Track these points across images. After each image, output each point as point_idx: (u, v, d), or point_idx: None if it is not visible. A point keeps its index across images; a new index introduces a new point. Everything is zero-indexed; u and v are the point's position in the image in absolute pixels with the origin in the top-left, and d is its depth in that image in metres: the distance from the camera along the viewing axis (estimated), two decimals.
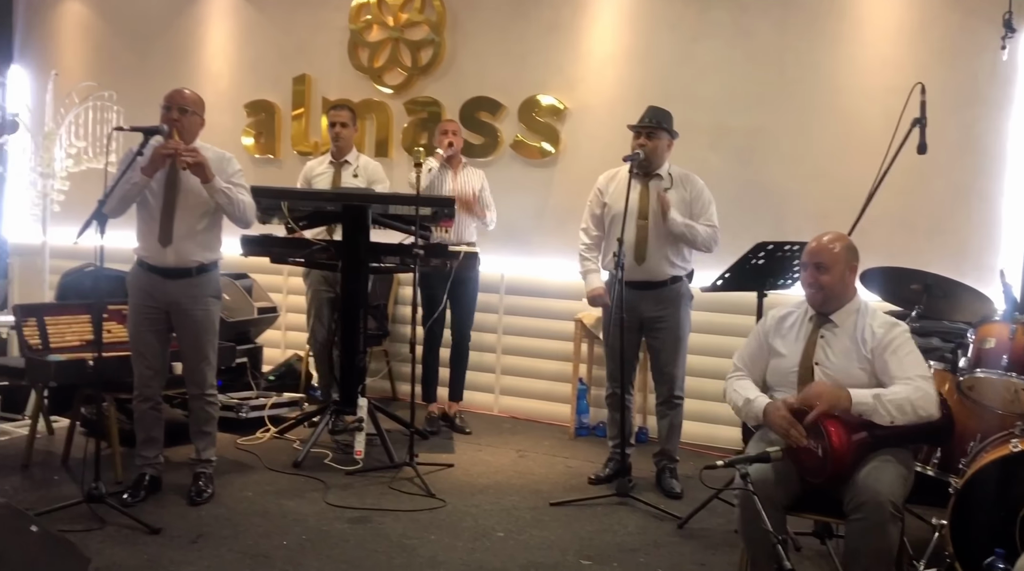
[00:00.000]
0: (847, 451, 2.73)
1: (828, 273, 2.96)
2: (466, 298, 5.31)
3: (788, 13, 5.09)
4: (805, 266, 3.02)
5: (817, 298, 2.99)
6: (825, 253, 2.98)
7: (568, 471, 4.64)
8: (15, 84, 7.27)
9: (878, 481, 2.67)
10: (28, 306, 4.45)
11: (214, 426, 4.04)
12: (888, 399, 2.76)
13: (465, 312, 5.35)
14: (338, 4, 6.26)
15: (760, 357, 3.12)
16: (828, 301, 2.99)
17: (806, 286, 3.01)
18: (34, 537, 2.78)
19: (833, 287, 2.97)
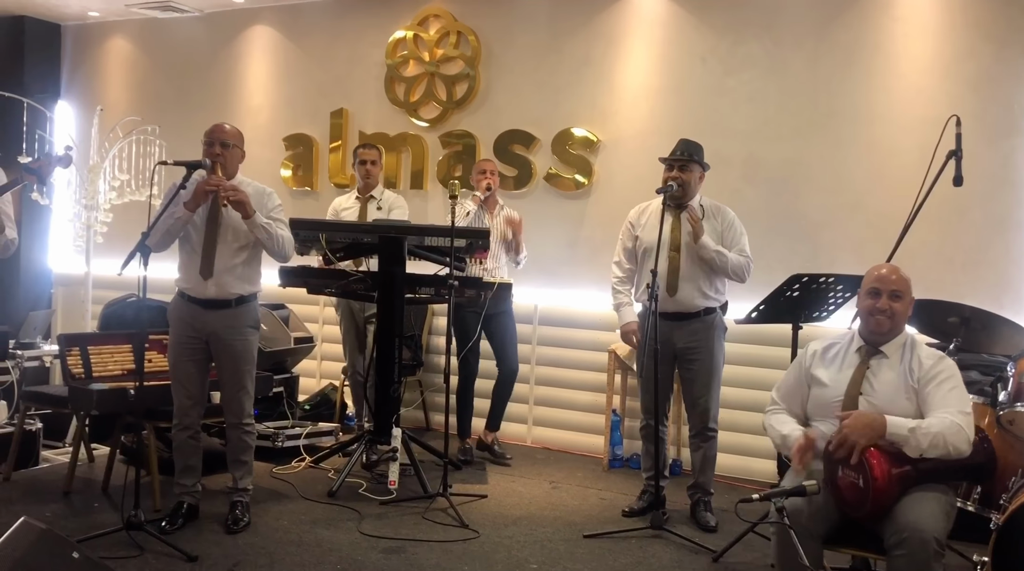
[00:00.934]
0: (889, 484, 2.70)
1: (902, 301, 2.99)
2: (506, 331, 5.30)
3: (821, 46, 5.11)
4: (876, 293, 3.00)
5: (886, 325, 2.99)
6: (901, 282, 3.00)
7: (602, 503, 4.62)
8: (62, 119, 7.46)
9: (921, 516, 2.64)
10: (72, 335, 4.55)
11: (251, 455, 4.08)
12: (922, 432, 2.74)
13: (509, 344, 5.32)
14: (375, 40, 6.38)
15: (798, 390, 3.11)
16: (893, 329, 3.00)
17: (876, 314, 2.99)
18: (75, 563, 2.82)
19: (903, 316, 3.00)
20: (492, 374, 5.38)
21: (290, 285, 4.96)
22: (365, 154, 5.52)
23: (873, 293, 3.02)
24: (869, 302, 3.01)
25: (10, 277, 7.39)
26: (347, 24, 6.53)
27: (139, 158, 6.22)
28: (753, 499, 2.62)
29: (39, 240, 7.61)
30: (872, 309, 3.00)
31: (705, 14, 5.41)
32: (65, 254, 7.36)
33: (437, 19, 6.20)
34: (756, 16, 5.27)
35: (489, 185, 5.17)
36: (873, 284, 3.02)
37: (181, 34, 7.21)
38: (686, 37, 5.47)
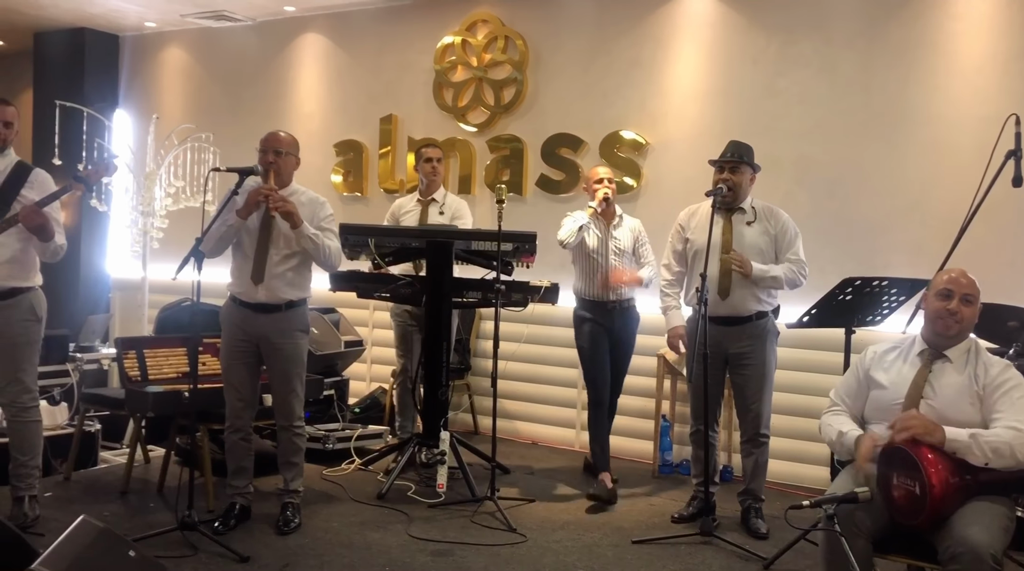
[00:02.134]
0: (946, 493, 2.62)
1: (972, 306, 2.94)
2: (624, 356, 4.91)
3: (874, 45, 5.02)
4: (948, 295, 2.93)
5: (954, 329, 2.93)
6: (973, 287, 2.95)
7: (650, 509, 4.59)
8: (120, 127, 7.65)
9: (979, 531, 2.56)
10: (129, 339, 4.66)
11: (302, 457, 4.13)
12: (986, 439, 2.67)
13: (621, 372, 4.91)
14: (424, 47, 6.43)
15: (858, 393, 3.07)
16: (960, 334, 2.94)
17: (944, 316, 2.93)
18: (132, 562, 2.88)
19: (971, 321, 2.95)
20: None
21: (340, 289, 5.01)
22: (429, 152, 5.35)
23: (944, 295, 2.94)
24: (939, 304, 2.94)
25: (70, 282, 7.58)
26: (396, 31, 6.59)
27: (194, 165, 6.35)
28: (804, 506, 2.58)
29: (97, 245, 7.81)
30: (941, 311, 2.93)
31: (755, 15, 5.36)
32: (122, 259, 7.54)
33: (485, 24, 6.22)
34: (807, 16, 5.20)
35: (607, 196, 4.69)
36: (946, 285, 2.95)
37: (234, 43, 7.35)
38: (736, 38, 5.42)
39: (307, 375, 4.16)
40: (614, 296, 4.74)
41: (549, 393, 5.87)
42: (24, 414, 3.89)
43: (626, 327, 4.84)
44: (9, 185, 3.80)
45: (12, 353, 3.83)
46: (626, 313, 4.82)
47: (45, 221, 3.69)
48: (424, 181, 5.38)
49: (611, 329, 4.77)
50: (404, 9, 6.55)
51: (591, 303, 4.78)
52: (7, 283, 3.79)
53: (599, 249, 4.76)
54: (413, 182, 6.29)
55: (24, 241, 3.79)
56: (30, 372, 3.91)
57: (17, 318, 3.82)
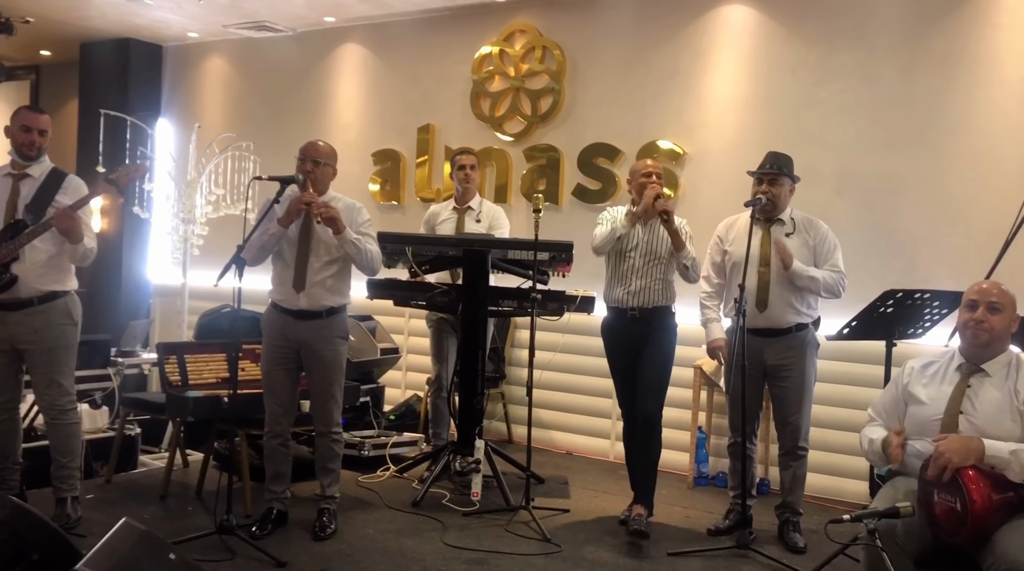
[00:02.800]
0: (988, 509, 2.58)
1: (1000, 314, 2.90)
2: (652, 361, 4.28)
3: (917, 55, 4.97)
4: (973, 306, 2.92)
5: (983, 338, 2.90)
6: (999, 294, 2.92)
7: (686, 521, 4.55)
8: (162, 136, 7.77)
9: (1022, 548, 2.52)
10: (170, 344, 4.72)
11: (339, 463, 4.16)
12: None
13: (656, 374, 4.29)
14: (461, 57, 6.47)
15: (896, 407, 3.04)
16: (991, 344, 2.91)
17: (971, 326, 2.91)
18: (172, 564, 2.92)
19: (1001, 330, 2.91)
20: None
21: (377, 297, 5.05)
22: (463, 159, 5.32)
23: (970, 306, 2.93)
24: (966, 316, 2.93)
25: (112, 288, 7.71)
26: (434, 41, 6.64)
27: (234, 173, 6.44)
28: (844, 519, 2.56)
29: (139, 252, 7.93)
30: (969, 322, 2.92)
31: (795, 24, 5.32)
32: (163, 266, 7.65)
33: (523, 34, 6.25)
34: (848, 26, 5.16)
35: (659, 194, 4.18)
36: (971, 297, 2.94)
37: (275, 53, 7.44)
38: (775, 48, 5.39)
39: (344, 382, 4.19)
40: (636, 301, 4.26)
41: (584, 403, 5.86)
42: (63, 416, 3.95)
43: (654, 335, 4.28)
44: (44, 191, 3.89)
45: (50, 357, 3.89)
46: (654, 321, 4.29)
47: (75, 223, 3.76)
48: (459, 189, 5.39)
49: (636, 338, 4.30)
50: (442, 19, 6.60)
51: (614, 311, 4.38)
52: (44, 287, 3.86)
53: (635, 249, 4.29)
54: (450, 191, 6.30)
55: (59, 245, 3.87)
56: (67, 375, 3.97)
57: (54, 322, 3.89)
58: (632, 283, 4.27)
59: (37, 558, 2.91)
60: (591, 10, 6.02)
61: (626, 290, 4.28)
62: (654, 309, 4.27)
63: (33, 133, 3.91)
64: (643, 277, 4.27)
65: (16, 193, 3.88)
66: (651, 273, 4.27)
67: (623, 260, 4.31)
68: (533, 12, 6.22)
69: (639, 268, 4.28)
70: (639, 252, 4.29)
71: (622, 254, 4.31)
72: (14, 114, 3.98)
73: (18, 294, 3.81)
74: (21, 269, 3.80)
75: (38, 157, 3.95)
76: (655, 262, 4.28)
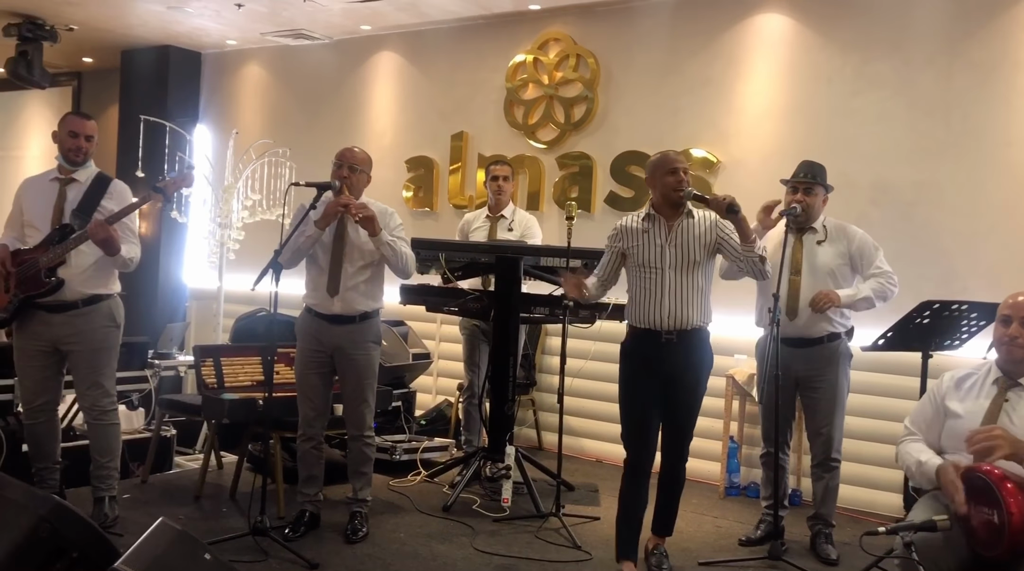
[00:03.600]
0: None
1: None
2: (682, 384, 3.69)
3: (955, 64, 4.92)
4: (1006, 321, 2.89)
5: (1017, 355, 2.86)
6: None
7: (717, 531, 4.53)
8: (200, 142, 7.88)
9: None
10: (206, 347, 4.78)
11: (371, 467, 4.19)
12: None
13: (691, 420, 3.77)
14: (495, 65, 6.50)
15: (934, 420, 2.99)
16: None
17: (1005, 343, 2.88)
18: (207, 564, 2.96)
19: None
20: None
21: (410, 302, 5.08)
22: (497, 170, 5.41)
23: (1003, 321, 2.90)
24: (1000, 331, 2.90)
25: (149, 291, 7.83)
26: (468, 49, 6.68)
27: (270, 179, 6.53)
28: (879, 532, 2.53)
29: (176, 256, 8.04)
30: (1003, 338, 2.88)
31: (831, 33, 5.30)
32: (200, 269, 7.76)
33: (557, 43, 6.27)
34: (884, 35, 5.12)
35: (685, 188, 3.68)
36: (1005, 311, 2.90)
37: (311, 60, 7.52)
38: (811, 56, 5.36)
39: (377, 386, 4.23)
40: (674, 324, 3.62)
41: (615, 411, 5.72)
42: (104, 417, 4.02)
43: (687, 365, 3.67)
44: (90, 196, 3.96)
45: (92, 358, 3.96)
46: (691, 347, 3.66)
47: (109, 236, 3.79)
48: (492, 198, 5.45)
49: (663, 367, 3.64)
50: (477, 28, 6.64)
51: (641, 332, 3.69)
52: (88, 290, 3.93)
53: (655, 260, 3.67)
54: (482, 198, 6.35)
55: None
56: (109, 376, 4.04)
57: (97, 324, 3.96)
58: (665, 302, 3.63)
59: (76, 555, 2.95)
60: (625, 19, 6.02)
61: (659, 309, 3.63)
62: (693, 332, 3.67)
63: (80, 138, 3.98)
64: (678, 293, 3.63)
65: (63, 198, 3.95)
66: (687, 286, 3.63)
67: (650, 272, 3.67)
68: (567, 20, 6.24)
69: (672, 283, 3.64)
70: (668, 262, 3.65)
71: (646, 266, 3.67)
72: (62, 120, 4.06)
73: (63, 297, 3.89)
74: (67, 273, 3.88)
75: (84, 162, 4.02)
76: (690, 270, 3.65)
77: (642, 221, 3.73)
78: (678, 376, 3.66)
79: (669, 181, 3.66)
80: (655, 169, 3.74)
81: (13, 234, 4.04)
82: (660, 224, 3.69)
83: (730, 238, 3.64)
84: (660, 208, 3.71)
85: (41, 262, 3.83)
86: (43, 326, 3.91)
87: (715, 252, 3.71)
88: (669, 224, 3.68)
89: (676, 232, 3.67)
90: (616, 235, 3.79)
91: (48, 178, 4.04)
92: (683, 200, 3.66)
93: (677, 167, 3.68)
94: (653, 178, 3.74)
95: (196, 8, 6.69)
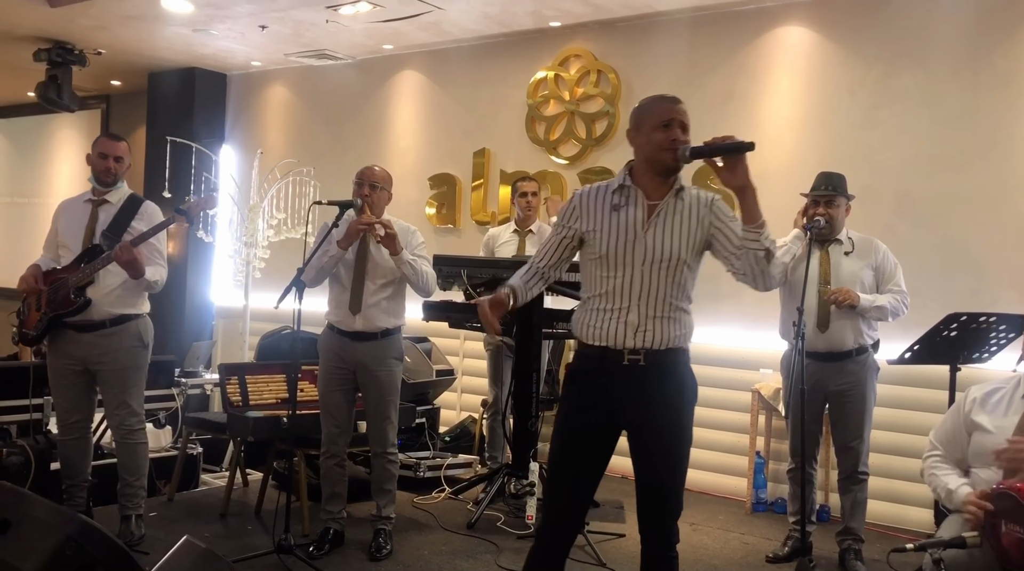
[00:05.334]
0: None
1: None
2: (662, 433, 2.72)
3: (980, 75, 4.88)
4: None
5: None
6: None
7: (744, 547, 4.48)
8: (226, 162, 7.97)
9: None
10: (232, 365, 4.81)
11: (394, 484, 4.19)
12: None
13: (666, 469, 2.75)
14: (517, 82, 6.53)
15: (958, 437, 2.94)
16: None
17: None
18: None
19: None
20: None
21: (433, 319, 5.09)
22: (525, 186, 5.47)
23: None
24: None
25: (176, 309, 7.91)
26: (490, 67, 6.71)
27: (295, 198, 6.57)
28: (908, 549, 2.49)
29: (202, 275, 8.12)
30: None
31: (853, 45, 5.27)
32: (226, 288, 7.82)
33: (578, 59, 6.28)
34: (908, 47, 5.09)
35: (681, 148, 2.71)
36: None
37: (335, 80, 7.59)
38: (833, 69, 5.34)
39: (400, 403, 4.23)
40: (642, 340, 2.65)
41: None
42: (131, 436, 4.05)
43: (661, 396, 2.69)
44: (121, 217, 4.01)
45: (120, 377, 4.00)
46: (663, 372, 2.69)
47: (133, 258, 3.82)
48: (521, 214, 5.48)
49: (623, 403, 2.69)
50: (498, 45, 6.67)
51: (594, 352, 2.71)
52: (116, 310, 3.97)
53: (625, 252, 2.70)
54: (505, 214, 6.37)
55: None
56: (136, 396, 4.07)
57: (125, 344, 3.99)
58: (632, 310, 2.67)
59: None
60: (646, 34, 6.03)
61: (620, 320, 2.68)
62: (667, 353, 2.70)
63: (109, 160, 4.04)
64: (647, 300, 2.68)
65: (95, 219, 4.01)
66: (666, 290, 2.69)
67: (615, 268, 2.69)
68: (588, 37, 6.25)
69: (645, 284, 2.68)
70: (643, 256, 2.67)
71: (611, 260, 2.69)
72: (94, 142, 4.13)
73: (91, 316, 3.93)
74: (95, 293, 3.92)
75: (114, 183, 4.07)
76: (671, 270, 2.69)
77: (613, 194, 2.72)
78: (649, 414, 2.65)
79: (658, 138, 2.66)
80: (641, 118, 2.73)
81: (49, 254, 4.11)
82: (638, 201, 2.70)
83: (727, 226, 2.71)
84: (641, 176, 2.71)
85: (70, 281, 3.89)
86: (72, 345, 3.96)
87: (705, 247, 2.75)
88: (650, 203, 2.70)
89: (660, 215, 2.69)
90: (573, 212, 2.75)
91: (82, 199, 4.10)
92: (678, 164, 2.67)
93: (673, 119, 2.67)
94: (638, 131, 2.73)
95: (221, 31, 6.78)
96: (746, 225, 2.65)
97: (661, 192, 2.71)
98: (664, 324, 2.68)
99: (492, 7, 5.95)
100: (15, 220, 10.04)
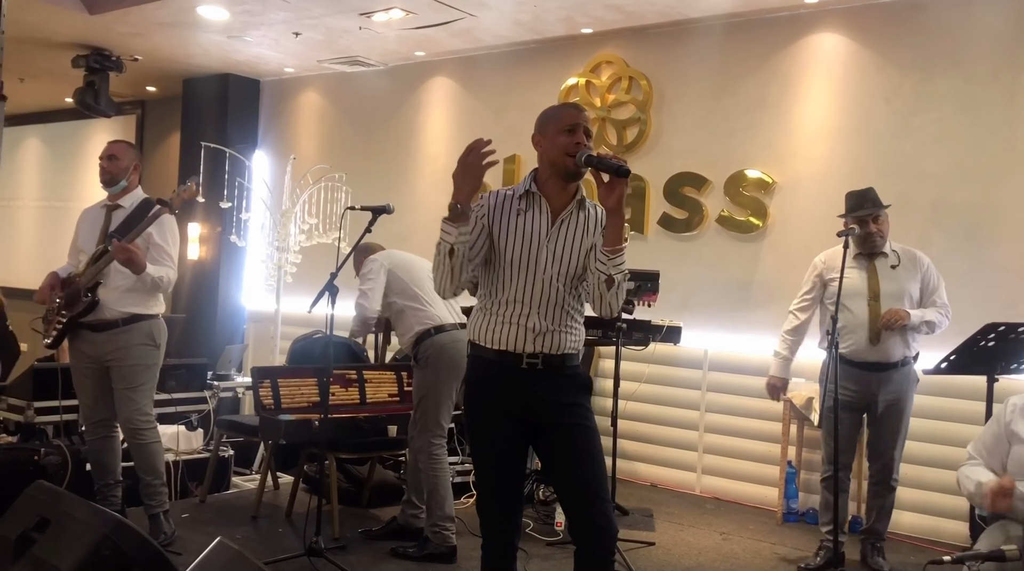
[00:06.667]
0: None
1: None
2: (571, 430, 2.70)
3: (1019, 79, 4.81)
4: None
5: None
6: None
7: (775, 557, 4.44)
8: (259, 167, 8.04)
9: None
10: (264, 369, 4.85)
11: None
12: None
13: (589, 463, 2.67)
14: (548, 88, 6.53)
15: (997, 446, 2.90)
16: None
17: None
18: None
19: None
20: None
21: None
22: None
23: None
24: None
25: (209, 313, 7.98)
26: (521, 73, 6.72)
27: (327, 203, 6.62)
28: (944, 561, 2.45)
29: (235, 279, 8.18)
30: None
31: (889, 52, 5.22)
32: (258, 292, 7.88)
33: (609, 66, 6.28)
34: (945, 52, 5.03)
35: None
36: None
37: (367, 87, 7.64)
38: (868, 76, 5.29)
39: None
40: (541, 344, 2.68)
41: (669, 435, 5.79)
42: (140, 436, 4.04)
43: (562, 393, 2.71)
44: (131, 220, 4.02)
45: (128, 373, 4.00)
46: (561, 373, 2.72)
47: (132, 255, 3.84)
48: None
49: (529, 407, 2.69)
50: (529, 52, 6.68)
51: (492, 356, 2.72)
52: (127, 310, 4.00)
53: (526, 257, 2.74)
54: None
55: None
56: (144, 394, 4.05)
57: (135, 343, 4.01)
58: (532, 315, 2.69)
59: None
60: (678, 40, 6.01)
61: (519, 324, 2.68)
62: (564, 357, 2.72)
63: (103, 160, 4.12)
64: (547, 306, 2.70)
65: (108, 223, 4.08)
66: (565, 298, 2.72)
67: (516, 272, 2.71)
68: (620, 43, 6.24)
69: (545, 291, 2.70)
70: (545, 264, 2.71)
71: (512, 263, 2.71)
72: None
73: (103, 316, 3.98)
74: (104, 293, 3.97)
75: (113, 183, 4.11)
76: (571, 280, 2.73)
77: (519, 199, 2.75)
78: (555, 412, 2.67)
79: (562, 142, 2.70)
80: (546, 122, 2.79)
81: (72, 261, 4.18)
82: (542, 208, 2.74)
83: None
84: (544, 182, 2.76)
85: (80, 283, 3.96)
86: (88, 344, 4.02)
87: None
88: (554, 212, 2.74)
89: (562, 224, 2.73)
90: (482, 209, 2.78)
91: (99, 205, 4.19)
92: (578, 170, 2.68)
93: (577, 124, 2.72)
94: (543, 135, 2.78)
95: (255, 37, 6.85)
96: (604, 246, 2.66)
97: (563, 200, 2.75)
98: (562, 330, 2.71)
99: (524, 14, 5.96)
100: (51, 223, 10.19)
